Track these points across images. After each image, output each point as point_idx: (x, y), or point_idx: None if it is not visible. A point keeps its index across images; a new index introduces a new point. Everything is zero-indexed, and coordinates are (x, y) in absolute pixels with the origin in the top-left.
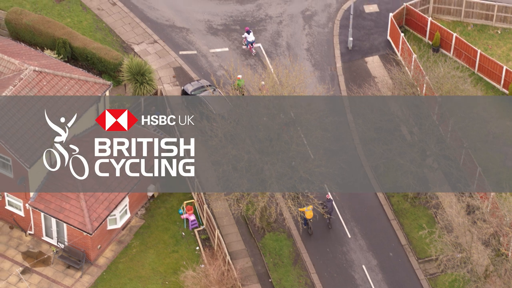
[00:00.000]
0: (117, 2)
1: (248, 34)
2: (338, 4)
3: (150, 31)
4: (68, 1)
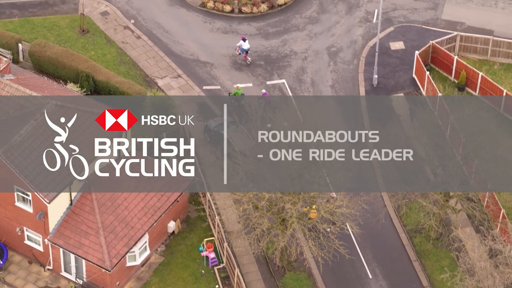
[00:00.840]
0: (141, 36)
1: (243, 42)
2: (364, 40)
3: (174, 65)
4: (93, 34)
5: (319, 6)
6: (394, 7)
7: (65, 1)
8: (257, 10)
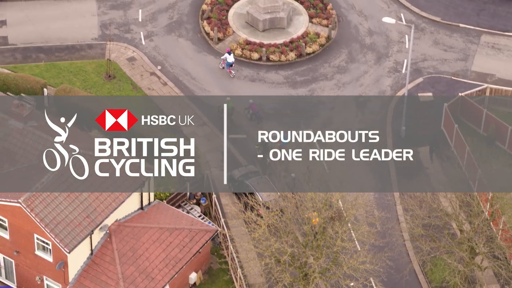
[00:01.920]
0: (168, 82)
1: (228, 55)
2: (392, 91)
3: (200, 112)
4: (119, 80)
5: (348, 55)
6: (424, 57)
7: (92, 46)
8: (285, 58)
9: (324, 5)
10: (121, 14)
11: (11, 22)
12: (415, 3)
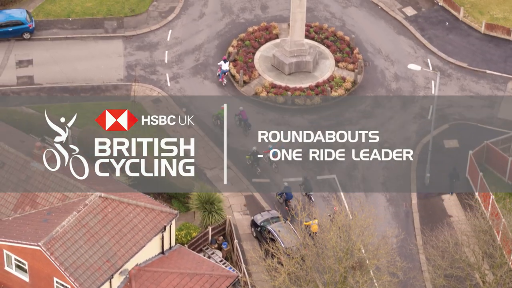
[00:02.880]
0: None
1: (224, 63)
2: (417, 137)
3: (223, 156)
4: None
5: (373, 100)
6: (450, 103)
7: (118, 87)
8: (311, 102)
9: (351, 49)
10: (147, 55)
11: (37, 61)
12: (442, 49)
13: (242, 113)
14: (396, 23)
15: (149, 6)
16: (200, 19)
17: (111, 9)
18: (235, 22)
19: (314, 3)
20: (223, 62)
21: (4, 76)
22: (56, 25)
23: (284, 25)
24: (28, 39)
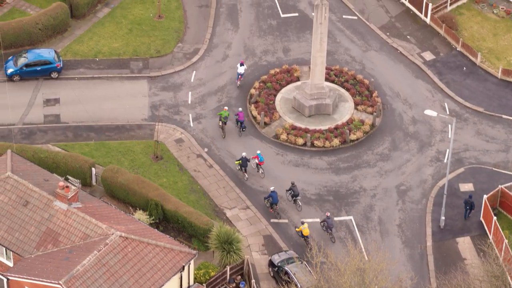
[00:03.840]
0: (213, 165)
1: (240, 66)
2: (433, 180)
3: (243, 196)
4: (166, 161)
5: (391, 143)
6: (466, 147)
7: (142, 127)
8: (329, 144)
9: (370, 92)
10: (171, 95)
11: (64, 100)
12: (459, 93)
13: (239, 113)
14: (414, 67)
15: (174, 48)
16: (223, 61)
17: (137, 50)
18: (258, 64)
19: (335, 46)
20: (239, 65)
21: (31, 114)
22: (83, 65)
23: (305, 68)
24: (55, 78)
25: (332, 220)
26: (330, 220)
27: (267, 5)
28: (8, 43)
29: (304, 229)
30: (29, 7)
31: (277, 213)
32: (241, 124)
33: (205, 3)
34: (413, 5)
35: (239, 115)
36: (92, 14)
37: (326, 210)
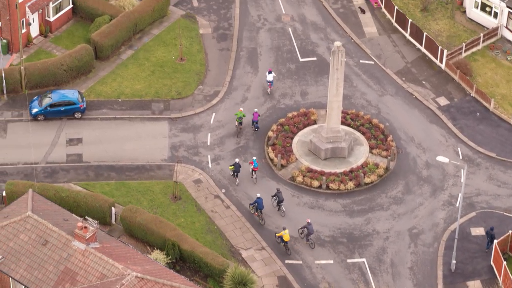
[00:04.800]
0: (230, 206)
1: (268, 74)
2: (445, 224)
3: (259, 237)
4: (184, 201)
5: (404, 186)
6: (478, 192)
7: (161, 167)
8: (344, 187)
9: (385, 136)
10: (191, 137)
11: (86, 140)
12: (472, 138)
13: (254, 114)
14: (429, 112)
15: (194, 90)
16: (242, 104)
17: (159, 92)
18: (276, 107)
19: (352, 90)
20: (267, 73)
21: (54, 153)
22: (106, 106)
23: (322, 111)
24: (79, 118)
25: (312, 227)
26: (311, 226)
27: (286, 49)
28: (34, 84)
29: (285, 234)
30: (55, 48)
31: (261, 219)
32: (255, 124)
33: (226, 47)
34: (429, 51)
35: (253, 115)
36: (116, 56)
37: (339, 252)
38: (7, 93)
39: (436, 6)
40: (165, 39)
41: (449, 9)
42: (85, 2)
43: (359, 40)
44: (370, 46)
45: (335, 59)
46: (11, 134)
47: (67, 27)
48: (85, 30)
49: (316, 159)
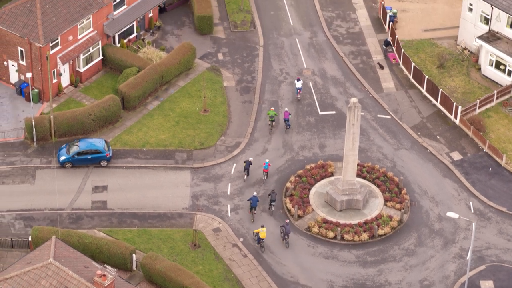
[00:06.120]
0: (248, 255)
1: (297, 82)
2: (455, 276)
3: (274, 286)
4: (203, 249)
5: (417, 238)
6: (488, 245)
7: (182, 215)
8: (358, 238)
9: (399, 189)
10: (211, 186)
11: (111, 187)
12: (484, 193)
13: (285, 113)
14: (443, 166)
15: (217, 141)
16: (262, 155)
17: (182, 142)
18: (295, 159)
19: (369, 144)
20: (296, 81)
21: (80, 200)
22: (131, 154)
23: (339, 164)
24: (105, 166)
25: (289, 227)
26: (288, 226)
27: (306, 102)
28: (62, 132)
29: (262, 232)
30: (84, 98)
31: (252, 217)
32: (286, 122)
33: (249, 99)
34: (444, 107)
35: (284, 114)
36: (143, 107)
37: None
38: (37, 141)
39: (452, 63)
40: (190, 91)
41: (465, 67)
42: (114, 54)
43: (377, 95)
44: (388, 101)
45: (351, 115)
46: (39, 180)
47: (97, 78)
48: (114, 81)
49: (332, 210)
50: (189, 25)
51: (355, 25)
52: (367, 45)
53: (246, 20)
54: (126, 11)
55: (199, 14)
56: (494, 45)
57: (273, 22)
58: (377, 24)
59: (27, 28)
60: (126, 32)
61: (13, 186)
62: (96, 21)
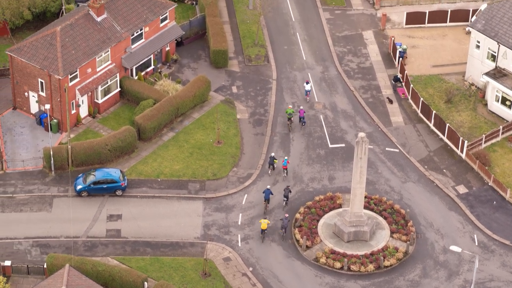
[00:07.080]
0: (257, 284)
1: (306, 84)
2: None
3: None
4: (213, 278)
5: (422, 270)
6: (491, 278)
7: (194, 244)
8: (364, 269)
9: (406, 221)
10: (223, 216)
11: (126, 216)
12: (488, 226)
13: (300, 111)
14: (448, 199)
15: (229, 172)
16: (273, 186)
17: (195, 172)
18: (304, 191)
19: (377, 177)
20: (305, 84)
21: (95, 228)
22: (146, 184)
23: (348, 196)
24: (120, 195)
25: (286, 221)
26: (286, 220)
27: (317, 135)
28: (79, 162)
29: (263, 223)
30: (102, 128)
31: (264, 208)
32: (302, 119)
33: (261, 132)
34: (450, 141)
35: (300, 112)
36: (158, 138)
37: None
38: (54, 170)
39: (460, 99)
40: (204, 123)
41: (472, 102)
42: (131, 86)
43: (386, 128)
44: (396, 134)
45: (359, 149)
46: (56, 208)
47: (114, 109)
48: (131, 112)
49: (339, 241)
50: (205, 59)
51: (366, 60)
52: (377, 79)
53: (260, 54)
54: (143, 45)
55: (215, 48)
56: (500, 82)
57: (287, 57)
58: (387, 59)
59: (47, 61)
60: (143, 65)
61: (31, 214)
62: (114, 54)
